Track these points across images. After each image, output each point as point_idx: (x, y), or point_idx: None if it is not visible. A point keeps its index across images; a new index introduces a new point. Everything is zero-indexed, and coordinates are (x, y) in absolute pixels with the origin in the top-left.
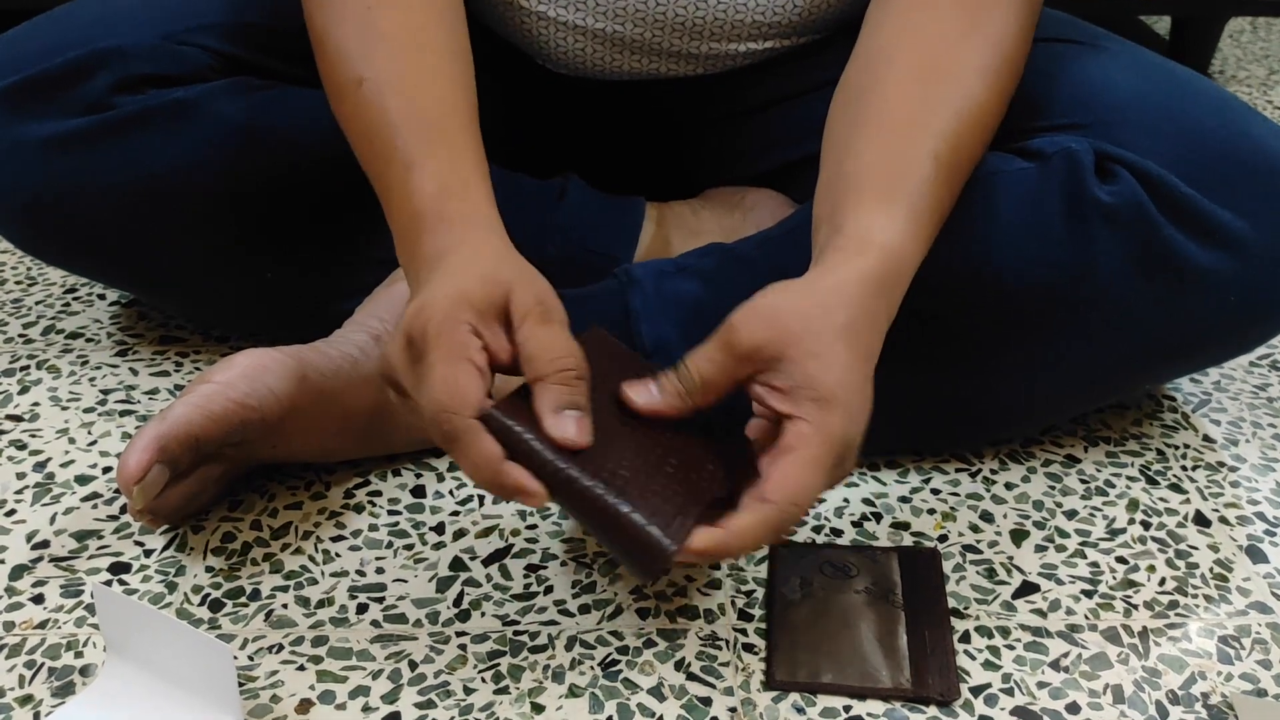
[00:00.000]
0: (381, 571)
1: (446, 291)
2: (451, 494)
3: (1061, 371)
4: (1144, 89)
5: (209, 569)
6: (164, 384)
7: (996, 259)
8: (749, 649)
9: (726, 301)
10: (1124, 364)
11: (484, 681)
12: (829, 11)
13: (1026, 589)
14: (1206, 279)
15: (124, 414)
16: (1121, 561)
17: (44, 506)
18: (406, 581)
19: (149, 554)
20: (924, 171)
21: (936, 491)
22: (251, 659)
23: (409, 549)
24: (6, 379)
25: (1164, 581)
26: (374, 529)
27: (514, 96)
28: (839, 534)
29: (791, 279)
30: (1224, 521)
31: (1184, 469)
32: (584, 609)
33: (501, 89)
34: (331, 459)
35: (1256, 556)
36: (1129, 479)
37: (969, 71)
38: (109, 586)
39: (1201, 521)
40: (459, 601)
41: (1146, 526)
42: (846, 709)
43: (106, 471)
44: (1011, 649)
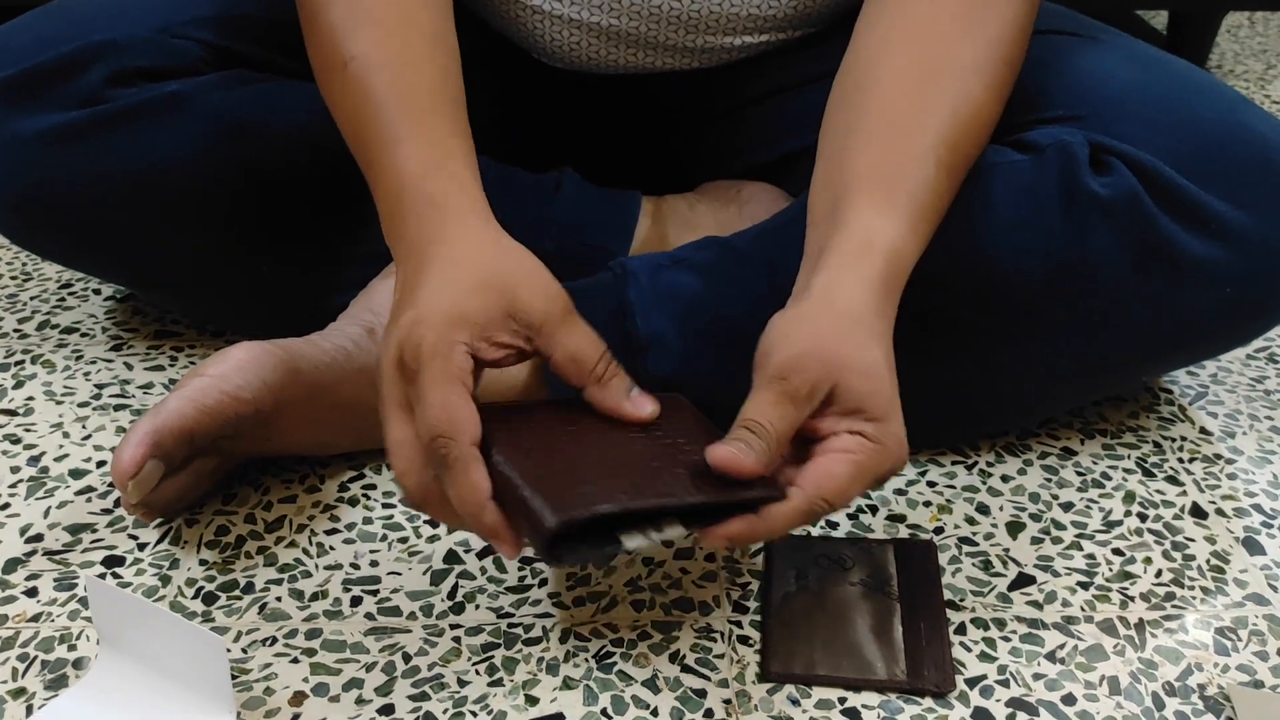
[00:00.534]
0: (375, 564)
1: (443, 308)
2: None
3: (1058, 364)
4: (1140, 81)
5: (203, 562)
6: (158, 378)
7: (992, 252)
8: (744, 641)
9: (722, 294)
10: (1120, 356)
11: (478, 674)
12: (824, 4)
13: (1022, 581)
14: (1203, 270)
15: (118, 408)
16: (1118, 553)
17: (38, 500)
18: (400, 574)
19: (143, 547)
20: (924, 172)
21: (933, 484)
22: (245, 652)
23: (403, 542)
24: (1, 373)
25: (1160, 573)
26: (368, 522)
27: (510, 91)
28: (834, 526)
29: (799, 300)
30: (1221, 513)
31: (1181, 461)
32: (578, 601)
33: (497, 83)
34: (325, 452)
35: (1253, 548)
36: (1125, 471)
37: (968, 71)
38: (102, 580)
39: (1198, 513)
40: (453, 594)
41: (1143, 519)
42: (841, 700)
43: (100, 465)
44: (1007, 641)
